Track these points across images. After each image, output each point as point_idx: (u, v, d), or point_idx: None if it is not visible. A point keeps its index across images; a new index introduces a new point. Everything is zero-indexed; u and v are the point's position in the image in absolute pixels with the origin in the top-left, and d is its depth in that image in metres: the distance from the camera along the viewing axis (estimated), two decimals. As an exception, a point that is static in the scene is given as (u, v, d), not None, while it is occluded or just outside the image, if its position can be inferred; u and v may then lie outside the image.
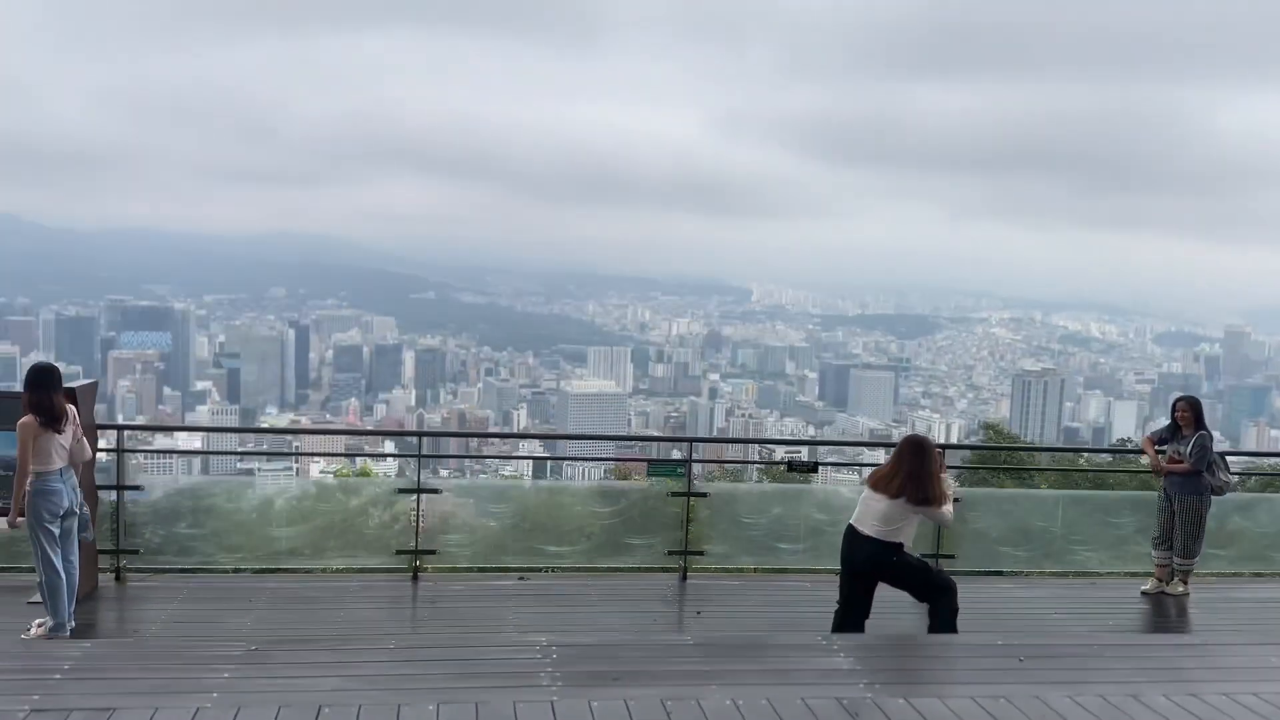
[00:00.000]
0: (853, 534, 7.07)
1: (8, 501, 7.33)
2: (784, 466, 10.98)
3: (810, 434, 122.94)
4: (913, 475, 6.89)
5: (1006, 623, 8.44)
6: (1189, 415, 9.24)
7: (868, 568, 7.02)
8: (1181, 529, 9.25)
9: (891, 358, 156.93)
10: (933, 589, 7.08)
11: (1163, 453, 9.36)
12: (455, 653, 5.11)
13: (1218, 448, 9.42)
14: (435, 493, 9.37)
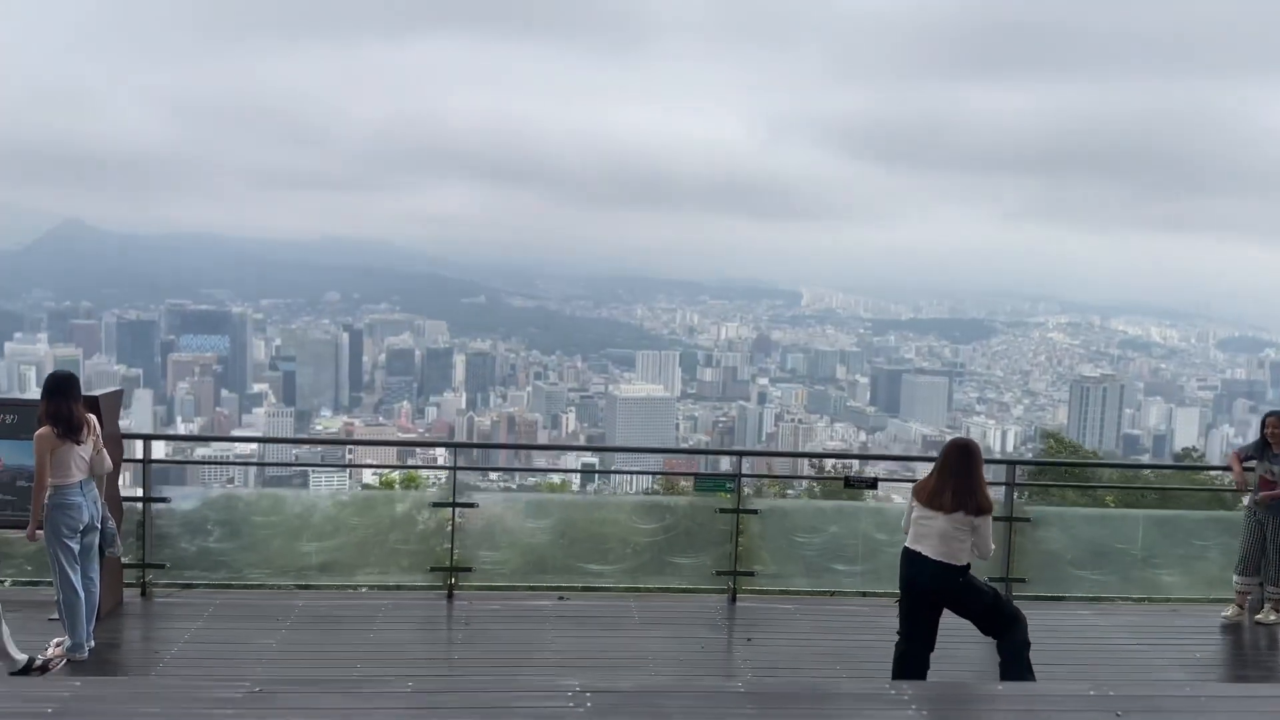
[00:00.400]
0: (912, 557, 6.51)
1: (27, 513, 7.04)
2: (842, 483, 10.43)
3: (862, 440, 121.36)
4: (963, 483, 6.33)
5: (1085, 656, 7.82)
6: (1280, 431, 8.56)
7: (932, 593, 6.46)
8: (1275, 553, 8.57)
9: (945, 363, 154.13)
10: (1001, 620, 6.51)
11: (1250, 470, 8.71)
12: (478, 699, 4.64)
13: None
14: (471, 506, 8.99)
